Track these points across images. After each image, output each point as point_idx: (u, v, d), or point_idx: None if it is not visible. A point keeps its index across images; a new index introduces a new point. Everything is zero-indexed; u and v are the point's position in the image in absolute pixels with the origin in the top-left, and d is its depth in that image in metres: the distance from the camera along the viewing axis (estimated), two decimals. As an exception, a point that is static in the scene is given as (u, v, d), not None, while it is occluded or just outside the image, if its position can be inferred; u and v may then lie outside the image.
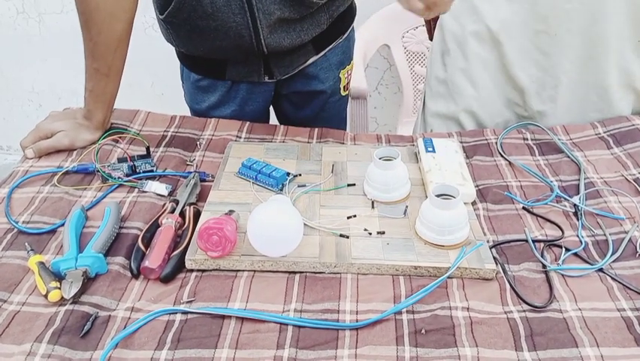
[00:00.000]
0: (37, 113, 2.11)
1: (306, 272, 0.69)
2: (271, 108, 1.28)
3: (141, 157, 0.88)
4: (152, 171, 0.87)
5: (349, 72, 1.15)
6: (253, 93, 1.07)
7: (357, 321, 0.63)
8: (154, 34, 1.89)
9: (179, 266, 0.70)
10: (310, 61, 1.05)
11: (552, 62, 0.97)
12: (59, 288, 0.65)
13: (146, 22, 1.88)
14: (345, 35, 1.10)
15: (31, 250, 0.71)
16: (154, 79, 2.00)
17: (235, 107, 1.07)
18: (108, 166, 0.86)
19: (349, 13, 1.10)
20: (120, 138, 0.94)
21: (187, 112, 1.03)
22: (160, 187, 0.82)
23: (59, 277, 0.67)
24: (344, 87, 1.15)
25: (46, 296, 0.65)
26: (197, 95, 1.09)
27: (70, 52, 1.98)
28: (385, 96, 1.93)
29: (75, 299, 0.65)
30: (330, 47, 1.07)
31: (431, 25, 1.17)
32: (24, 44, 1.97)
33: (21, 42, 1.97)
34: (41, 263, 0.68)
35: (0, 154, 2.28)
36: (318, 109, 1.13)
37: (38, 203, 0.80)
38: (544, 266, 0.70)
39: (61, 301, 0.65)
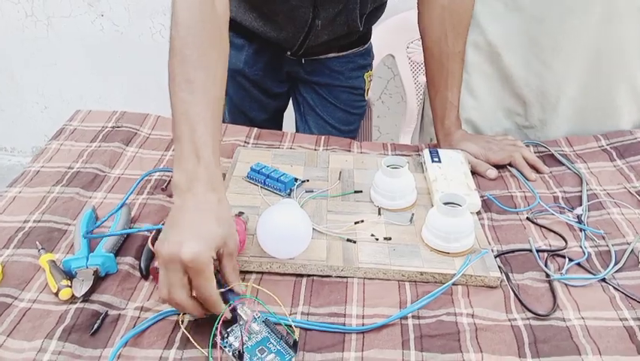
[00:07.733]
0: (42, 115, 2.12)
1: (313, 276, 0.70)
2: (285, 117, 1.32)
3: None
4: None
5: (371, 77, 1.25)
6: (276, 60, 1.16)
7: (363, 325, 0.64)
8: (161, 40, 1.91)
9: (188, 267, 0.70)
10: (330, 55, 1.16)
11: (555, 73, 0.97)
12: (70, 286, 0.65)
13: (154, 27, 1.90)
14: (366, 46, 1.22)
15: (42, 248, 0.72)
16: (162, 84, 2.01)
17: (258, 70, 1.17)
18: None
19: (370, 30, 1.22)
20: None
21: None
22: None
23: (70, 275, 0.67)
24: (367, 91, 1.25)
25: (57, 294, 0.65)
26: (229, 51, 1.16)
27: (78, 55, 2.00)
28: (388, 105, 1.95)
29: (85, 298, 0.65)
30: (351, 50, 1.18)
31: None
32: (32, 47, 1.99)
33: (29, 45, 1.99)
34: (52, 261, 0.69)
35: (4, 155, 2.29)
36: (345, 105, 1.23)
37: (49, 202, 0.81)
38: (547, 275, 0.71)
39: (72, 300, 0.65)
